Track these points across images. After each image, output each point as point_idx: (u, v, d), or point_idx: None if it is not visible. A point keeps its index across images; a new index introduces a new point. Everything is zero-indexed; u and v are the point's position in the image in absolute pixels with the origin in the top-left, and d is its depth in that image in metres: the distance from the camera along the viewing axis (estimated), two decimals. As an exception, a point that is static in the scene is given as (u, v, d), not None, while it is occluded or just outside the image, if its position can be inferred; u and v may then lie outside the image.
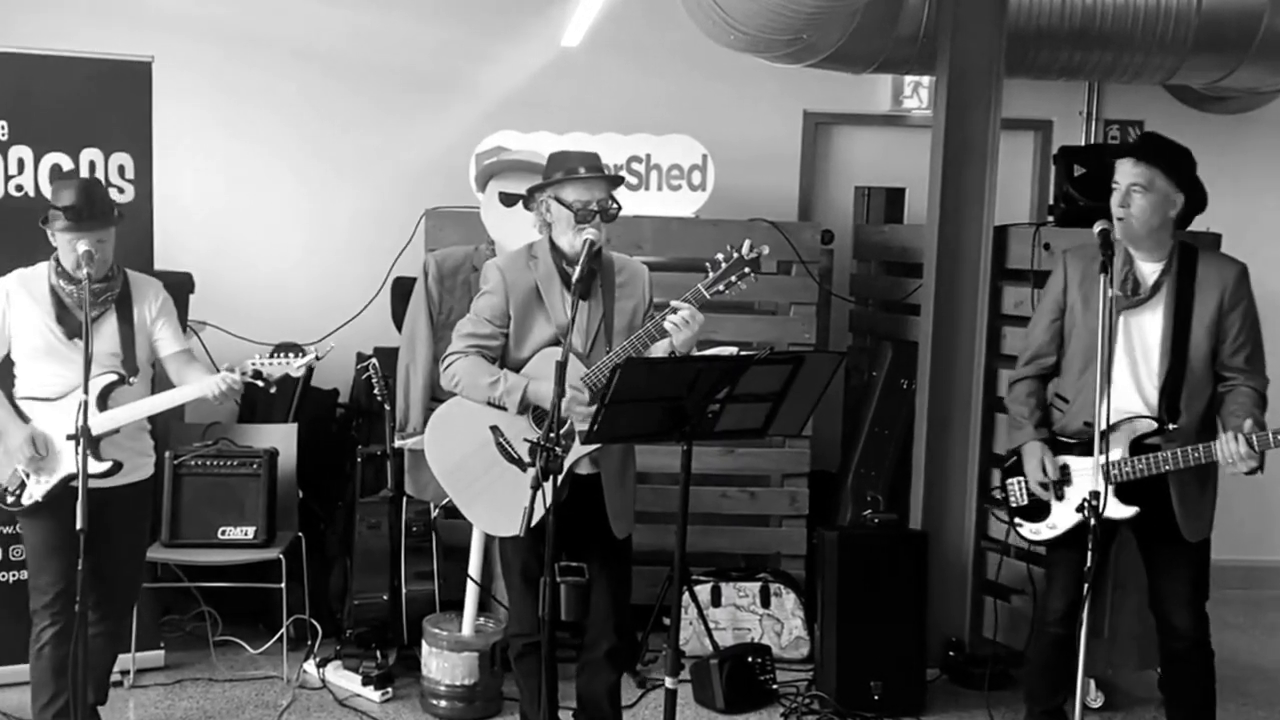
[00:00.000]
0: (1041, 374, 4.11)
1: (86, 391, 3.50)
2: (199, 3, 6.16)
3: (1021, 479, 4.06)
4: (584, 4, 5.66)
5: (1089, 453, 3.78)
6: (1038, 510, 4.03)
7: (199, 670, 5.03)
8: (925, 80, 6.56)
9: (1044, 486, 3.97)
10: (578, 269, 3.52)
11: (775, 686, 4.88)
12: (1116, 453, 3.81)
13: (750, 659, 4.85)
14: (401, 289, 5.48)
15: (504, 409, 3.68)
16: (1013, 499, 4.11)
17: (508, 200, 4.57)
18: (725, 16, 4.67)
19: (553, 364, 3.44)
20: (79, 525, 3.34)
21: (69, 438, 3.64)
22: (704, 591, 5.27)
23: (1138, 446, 3.83)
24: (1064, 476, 3.97)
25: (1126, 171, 3.84)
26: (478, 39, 6.33)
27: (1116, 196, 3.84)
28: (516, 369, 3.74)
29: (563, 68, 6.32)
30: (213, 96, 6.18)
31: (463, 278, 4.65)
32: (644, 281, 3.90)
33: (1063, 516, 3.96)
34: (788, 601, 5.34)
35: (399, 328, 5.21)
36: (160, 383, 4.14)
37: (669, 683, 3.51)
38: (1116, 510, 3.82)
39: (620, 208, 3.75)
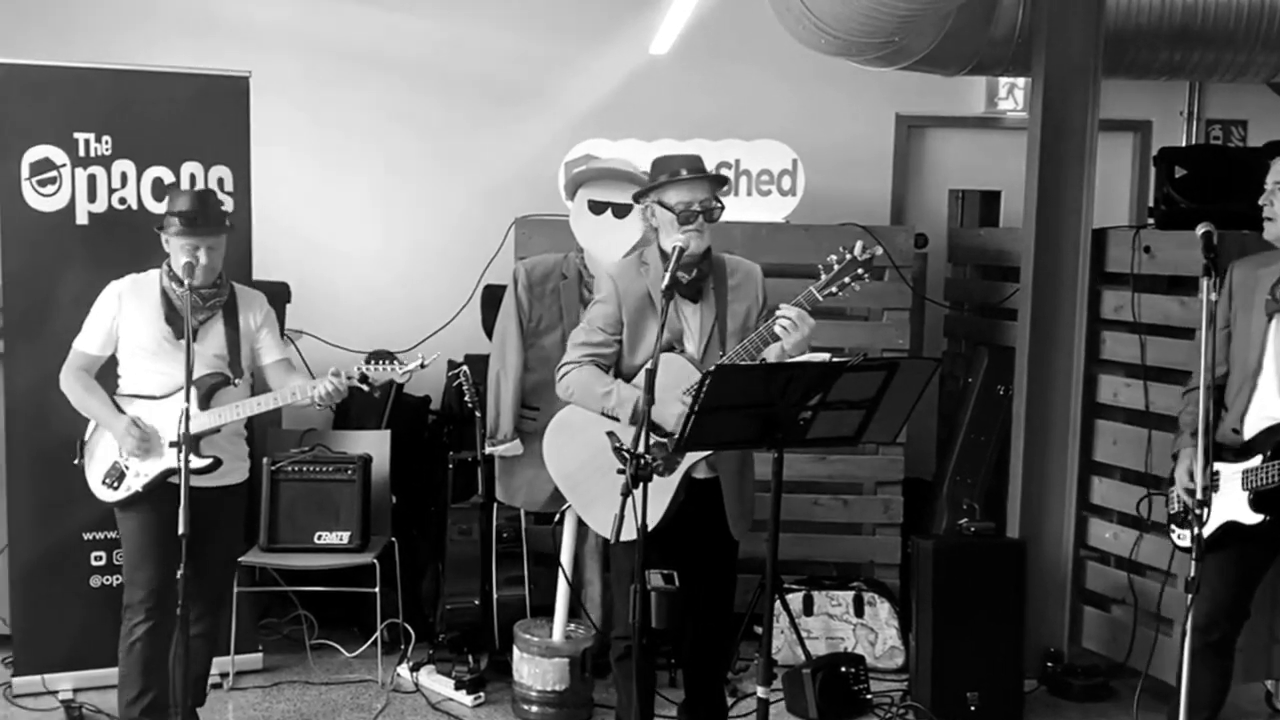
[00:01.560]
0: (1214, 383, 3.99)
1: (188, 399, 3.58)
2: (292, 19, 6.27)
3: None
4: (673, 11, 5.66)
5: (1237, 459, 3.73)
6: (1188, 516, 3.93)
7: (296, 673, 5.10)
8: (1020, 82, 6.47)
9: (1189, 493, 3.85)
10: (667, 275, 3.50)
11: (869, 697, 4.81)
12: (1257, 459, 3.72)
13: (844, 668, 4.79)
14: (491, 297, 5.51)
15: (616, 420, 3.68)
16: (1171, 505, 4.02)
17: (597, 208, 4.57)
18: (816, 21, 4.63)
19: (668, 368, 3.48)
20: (181, 530, 3.39)
21: (171, 444, 3.74)
22: (796, 600, 5.23)
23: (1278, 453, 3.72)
24: (1213, 482, 3.85)
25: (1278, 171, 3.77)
26: (567, 48, 6.37)
27: (1265, 197, 3.78)
28: (631, 375, 3.74)
29: (651, 75, 6.33)
30: (306, 109, 6.28)
31: (552, 285, 4.66)
32: (757, 283, 3.88)
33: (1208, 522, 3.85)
34: (882, 611, 5.27)
35: (489, 335, 5.23)
36: (258, 391, 4.20)
37: (761, 692, 3.48)
38: (1247, 516, 3.73)
39: (723, 208, 3.73)
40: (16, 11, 6.06)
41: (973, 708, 4.64)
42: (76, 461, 4.09)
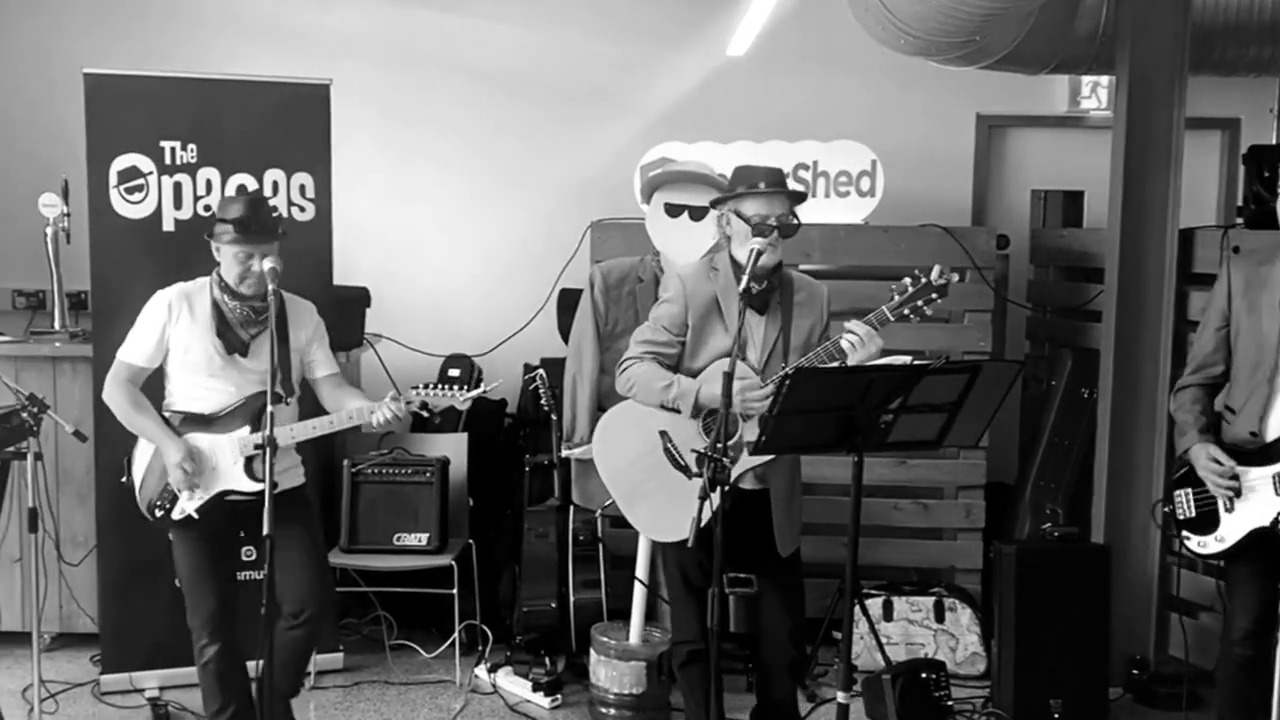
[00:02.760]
0: (1208, 383, 3.91)
1: (271, 402, 3.52)
2: (372, 27, 6.35)
3: (1189, 490, 3.88)
4: (751, 13, 5.64)
5: (1263, 462, 3.63)
6: (1206, 522, 3.84)
7: (375, 673, 5.15)
8: (1104, 80, 6.37)
9: (1229, 481, 3.73)
10: (744, 279, 3.50)
11: (950, 703, 4.73)
12: None
13: (924, 675, 4.71)
14: (567, 300, 5.53)
15: (677, 412, 3.68)
16: (1180, 511, 3.92)
17: (673, 211, 4.57)
18: (895, 21, 4.59)
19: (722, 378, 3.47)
20: (265, 530, 3.39)
21: (256, 447, 3.74)
22: (875, 605, 5.18)
23: None
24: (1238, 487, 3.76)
25: None
26: (644, 51, 6.38)
27: None
28: (691, 378, 3.74)
29: (728, 77, 6.31)
30: (385, 115, 6.35)
31: (628, 289, 4.67)
32: (823, 302, 3.87)
33: (1232, 528, 3.76)
34: (963, 616, 5.20)
35: (565, 339, 5.26)
36: (304, 403, 4.13)
37: (842, 697, 3.47)
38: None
39: (799, 224, 3.73)
40: (106, 24, 6.21)
41: (1056, 715, 4.57)
42: (125, 480, 4.02)
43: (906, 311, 3.57)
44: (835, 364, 3.57)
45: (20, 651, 5.15)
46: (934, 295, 3.55)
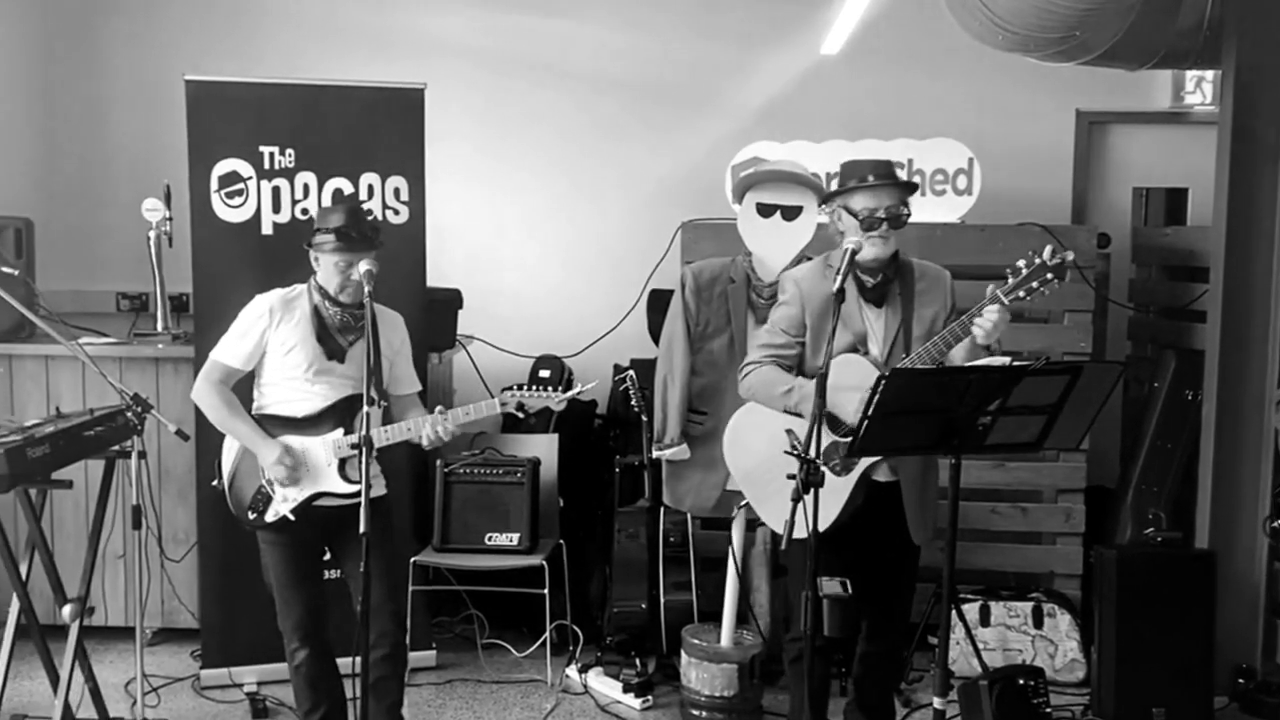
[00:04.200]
0: None
1: (368, 403, 3.54)
2: (465, 30, 6.40)
3: None
4: (845, 12, 5.59)
5: None
6: None
7: (468, 671, 5.18)
8: (1209, 75, 6.22)
9: None
10: (839, 278, 3.46)
11: (1049, 710, 4.65)
12: None
13: (1022, 681, 4.63)
14: (658, 301, 5.52)
15: (802, 416, 3.66)
16: None
17: (765, 211, 4.54)
18: (993, 16, 4.51)
19: (849, 369, 3.55)
20: (362, 529, 3.42)
21: (353, 447, 3.78)
22: (972, 610, 5.10)
23: None
24: None
25: None
26: (734, 52, 6.36)
27: None
28: (814, 376, 3.71)
29: (821, 76, 6.27)
30: (478, 118, 6.41)
31: (720, 289, 4.63)
32: (945, 288, 3.83)
33: None
34: (1062, 622, 5.10)
35: (655, 340, 5.25)
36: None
37: (938, 703, 3.44)
38: None
39: (909, 214, 3.71)
40: (206, 31, 6.34)
41: (1159, 725, 4.47)
42: (215, 484, 4.05)
43: (1022, 294, 3.50)
44: (958, 345, 3.54)
45: (123, 646, 5.29)
46: (1049, 275, 3.47)
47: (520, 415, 3.94)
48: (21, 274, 4.40)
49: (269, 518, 3.92)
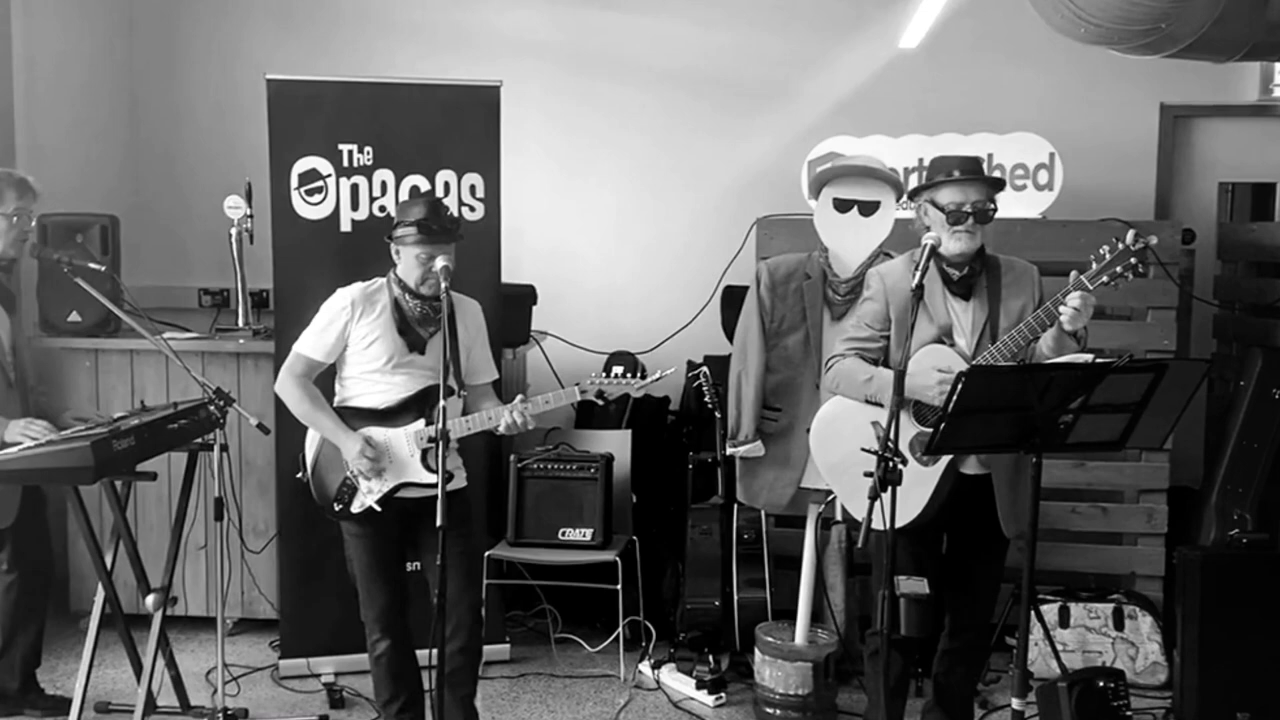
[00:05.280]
0: None
1: (444, 396, 3.59)
2: (540, 27, 6.43)
3: None
4: (925, 5, 5.53)
5: None
6: None
7: (541, 665, 5.21)
8: (1298, 67, 6.05)
9: None
10: (918, 273, 3.45)
11: (1130, 714, 4.56)
12: None
13: (1102, 683, 4.56)
14: (732, 297, 5.50)
15: (882, 405, 3.65)
16: None
17: (842, 206, 4.50)
18: (1076, 10, 4.43)
19: (935, 358, 3.59)
20: (439, 522, 3.45)
21: (430, 440, 3.82)
22: (1050, 611, 5.02)
23: None
24: None
25: None
26: (813, 45, 6.31)
27: None
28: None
29: (900, 70, 6.21)
30: (552, 114, 6.43)
31: (795, 285, 4.60)
32: (1032, 281, 3.84)
33: None
34: (1143, 624, 5.01)
35: (729, 336, 5.23)
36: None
37: (1016, 704, 3.41)
38: None
39: (996, 210, 3.71)
40: (286, 30, 6.43)
41: (1243, 730, 4.38)
42: (300, 476, 4.10)
43: (1106, 279, 3.48)
44: (1044, 335, 3.53)
45: (204, 635, 5.38)
46: (1133, 260, 3.45)
47: (600, 402, 3.94)
48: (107, 270, 4.48)
49: (354, 509, 3.96)
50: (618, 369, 3.95)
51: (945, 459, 3.63)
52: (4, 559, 4.40)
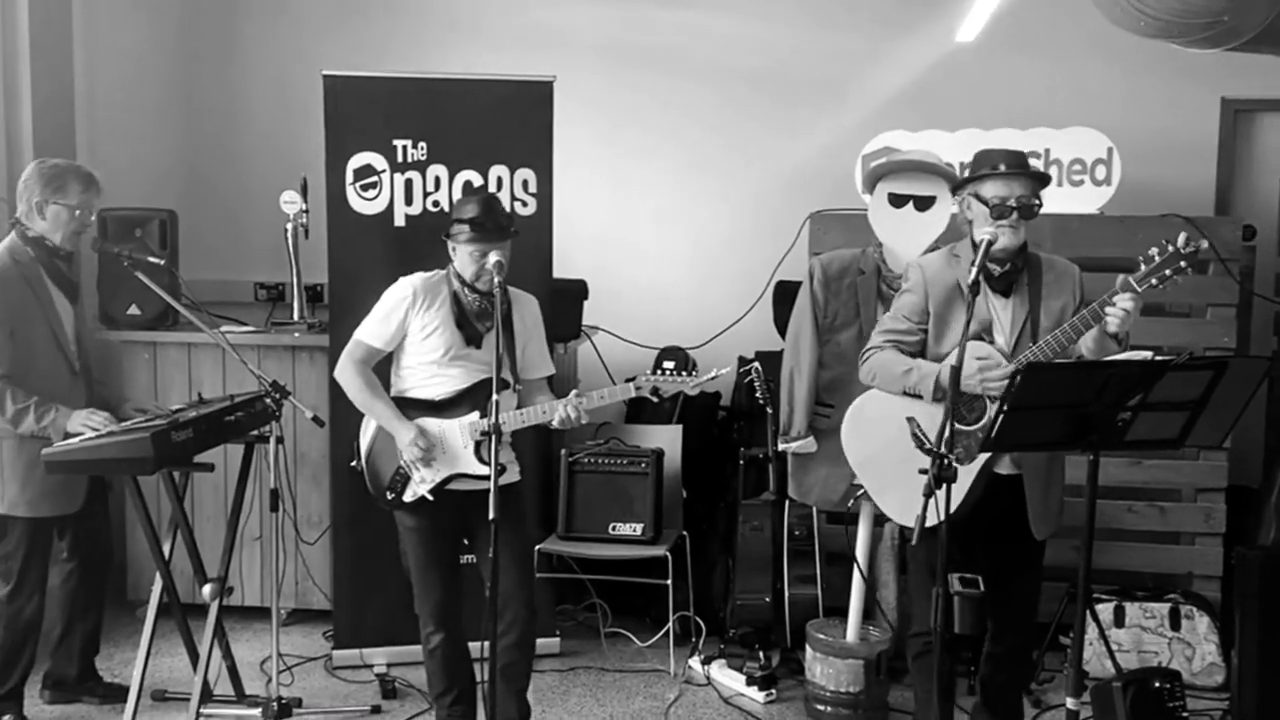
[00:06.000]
0: None
1: (497, 390, 3.63)
2: (593, 22, 6.42)
3: None
4: (982, -1, 5.48)
5: None
6: None
7: (590, 659, 5.22)
8: (1365, 58, 5.92)
9: None
10: (974, 269, 3.41)
11: (1186, 715, 4.50)
12: None
13: (1158, 684, 4.50)
14: (784, 293, 5.48)
15: (919, 398, 3.62)
16: None
17: (897, 201, 4.47)
18: (1136, 3, 4.37)
19: (972, 352, 3.48)
20: (491, 515, 3.47)
21: (483, 434, 3.84)
22: (1106, 611, 4.97)
23: None
24: None
25: None
26: (867, 40, 6.27)
27: None
28: (936, 361, 3.69)
29: (955, 64, 6.14)
30: (603, 109, 6.42)
31: (849, 281, 4.58)
32: (1074, 280, 3.78)
33: None
34: (1200, 625, 4.94)
35: (781, 332, 5.21)
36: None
37: (1071, 703, 3.38)
38: None
39: (1041, 205, 3.65)
40: (343, 26, 6.47)
41: (1304, 733, 4.30)
42: (354, 465, 4.12)
43: (1155, 282, 3.42)
44: (1086, 335, 3.48)
45: (259, 625, 5.44)
46: (1183, 264, 3.40)
47: (655, 399, 3.94)
48: (166, 264, 4.55)
49: (407, 498, 3.98)
50: (669, 365, 3.95)
51: (982, 457, 3.58)
52: (64, 547, 4.47)
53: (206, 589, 4.22)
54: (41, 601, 4.37)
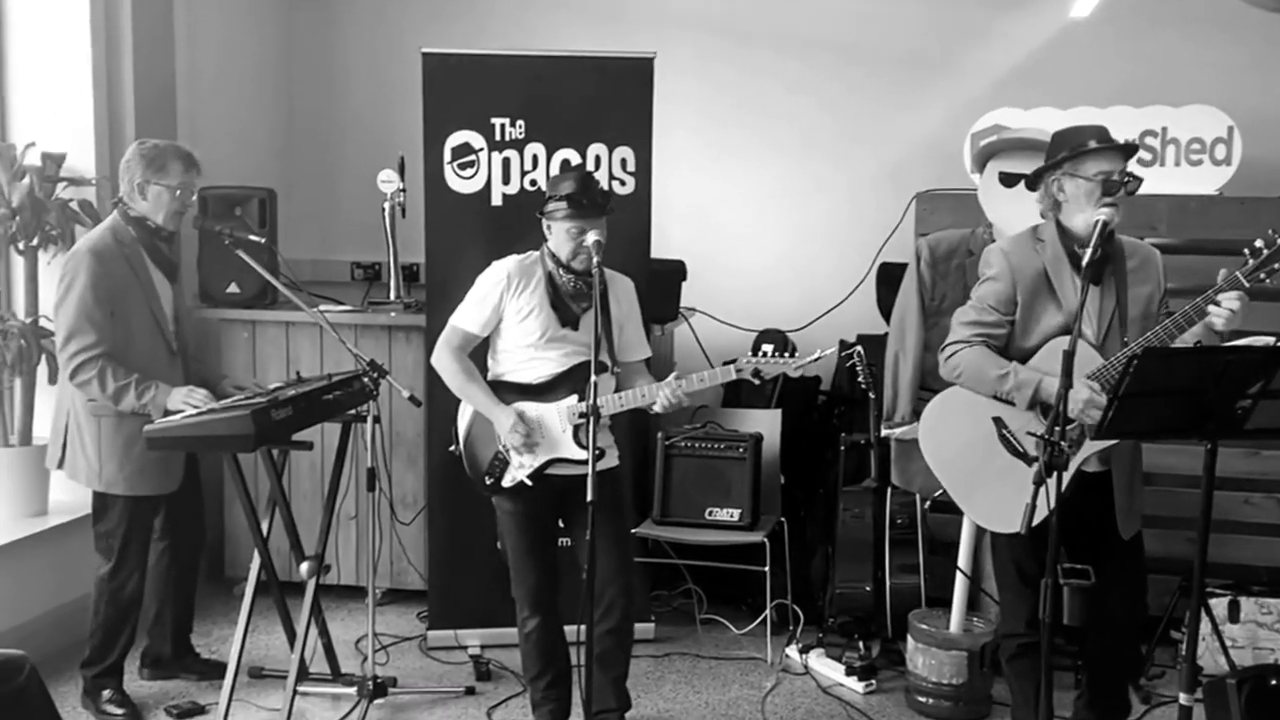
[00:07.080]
0: None
1: (595, 372, 3.57)
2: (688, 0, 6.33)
3: None
4: (1099, -27, 5.29)
5: None
6: None
7: (685, 645, 5.16)
8: None
9: None
10: (1088, 251, 3.26)
11: (1304, 717, 4.35)
12: None
13: (1274, 682, 4.33)
14: (888, 275, 5.37)
15: (1010, 404, 3.48)
16: None
17: (1008, 180, 4.33)
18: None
19: (1083, 374, 3.33)
20: (589, 497, 3.42)
21: (581, 416, 3.79)
22: (1220, 605, 4.78)
23: None
24: None
25: None
26: (979, 15, 6.08)
27: None
28: (1022, 359, 3.54)
29: (1069, 40, 5.94)
30: (702, 87, 6.33)
31: (957, 262, 4.47)
32: (1157, 267, 3.61)
33: None
34: (1321, 624, 4.75)
35: (884, 314, 5.10)
36: None
37: (1184, 699, 3.28)
38: None
39: (1141, 181, 3.47)
40: (441, 3, 6.47)
41: None
42: (453, 449, 4.10)
43: (1263, 275, 3.27)
44: (1188, 332, 3.33)
45: (354, 605, 5.48)
46: None
47: (756, 381, 3.84)
48: (266, 242, 4.57)
49: (505, 483, 3.95)
50: (768, 347, 3.85)
51: (1080, 458, 3.44)
52: (158, 526, 4.52)
53: (304, 567, 4.24)
54: (142, 579, 4.42)
